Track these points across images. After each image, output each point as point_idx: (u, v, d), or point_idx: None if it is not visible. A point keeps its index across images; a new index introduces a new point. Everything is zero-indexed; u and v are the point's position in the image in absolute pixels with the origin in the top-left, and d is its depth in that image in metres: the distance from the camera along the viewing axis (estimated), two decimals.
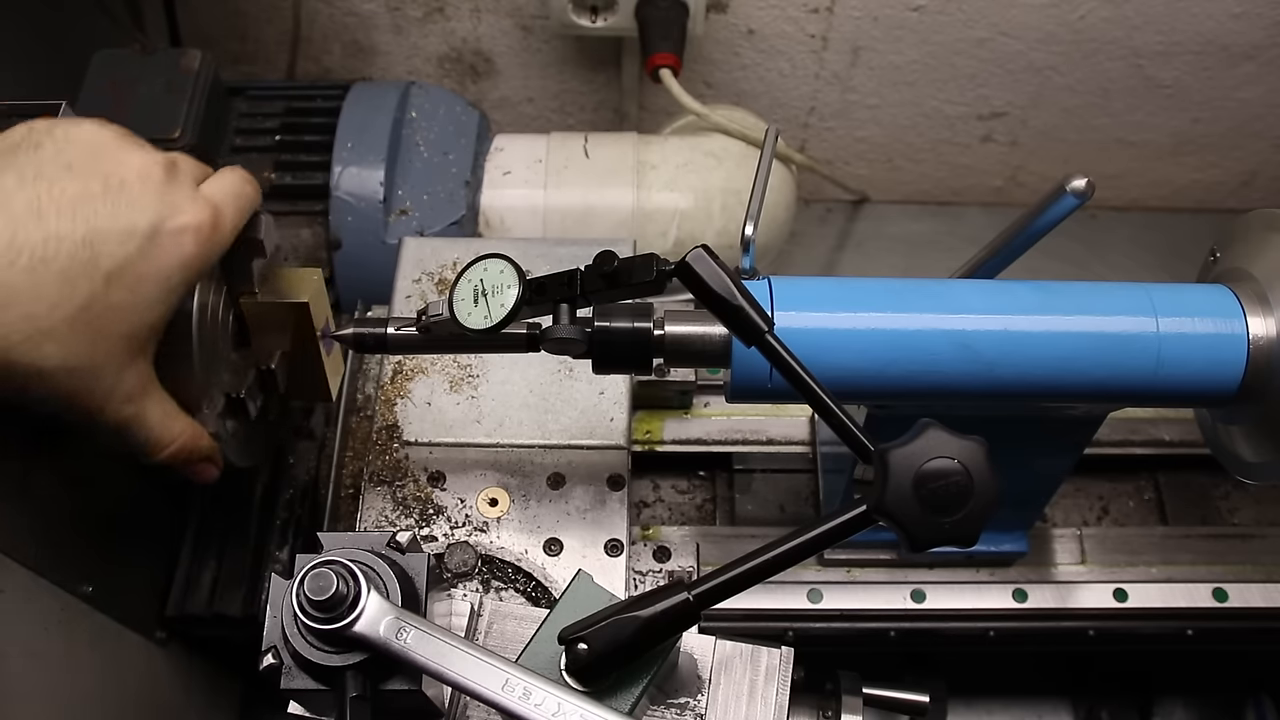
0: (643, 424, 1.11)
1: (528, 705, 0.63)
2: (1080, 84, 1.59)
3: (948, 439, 0.63)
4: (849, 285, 0.81)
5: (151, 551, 1.03)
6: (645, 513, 1.10)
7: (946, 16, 1.49)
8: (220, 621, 1.02)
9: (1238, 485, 1.14)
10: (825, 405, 0.67)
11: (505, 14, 1.54)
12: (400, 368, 0.99)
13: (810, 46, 1.55)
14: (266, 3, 1.57)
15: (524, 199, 1.35)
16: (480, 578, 0.89)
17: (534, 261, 0.97)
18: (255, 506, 1.06)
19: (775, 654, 0.78)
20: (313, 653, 0.66)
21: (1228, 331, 0.79)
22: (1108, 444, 1.12)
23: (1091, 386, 0.79)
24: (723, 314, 0.69)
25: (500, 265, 0.74)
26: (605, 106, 1.68)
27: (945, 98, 1.62)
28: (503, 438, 0.95)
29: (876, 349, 0.78)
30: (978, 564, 1.05)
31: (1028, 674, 1.38)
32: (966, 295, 0.80)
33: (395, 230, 1.28)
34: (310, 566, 0.65)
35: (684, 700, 0.77)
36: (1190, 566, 1.07)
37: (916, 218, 1.80)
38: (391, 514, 0.92)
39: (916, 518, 0.62)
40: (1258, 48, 1.52)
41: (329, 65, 1.65)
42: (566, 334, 0.76)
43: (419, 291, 1.03)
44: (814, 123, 1.68)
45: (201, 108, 1.22)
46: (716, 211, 1.37)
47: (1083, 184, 0.77)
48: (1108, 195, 1.77)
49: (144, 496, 1.01)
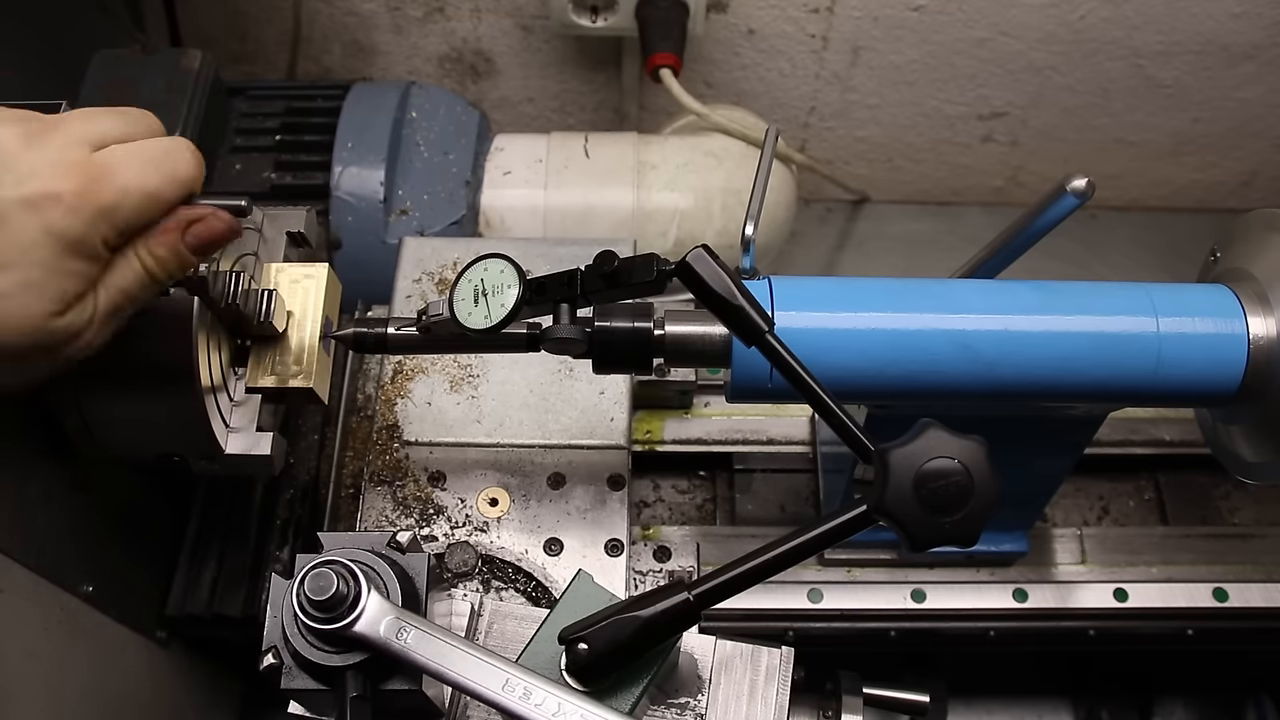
0: (643, 424, 1.11)
1: (528, 705, 0.63)
2: (1080, 84, 1.59)
3: (948, 439, 0.63)
4: (849, 285, 0.81)
5: (151, 551, 1.03)
6: (645, 513, 1.10)
7: (946, 16, 1.49)
8: (220, 621, 1.02)
9: (1238, 485, 1.14)
10: (825, 405, 0.67)
11: (505, 14, 1.54)
12: (400, 368, 0.99)
13: (810, 46, 1.55)
14: (266, 3, 1.57)
15: (524, 199, 1.35)
16: (480, 578, 0.89)
17: (534, 261, 0.97)
18: (255, 506, 1.06)
19: (775, 654, 0.78)
20: (313, 653, 0.67)
21: (1228, 331, 0.79)
22: (1108, 444, 1.12)
23: (1091, 386, 0.79)
24: (723, 314, 0.69)
25: (500, 265, 0.74)
26: (605, 106, 1.68)
27: (945, 98, 1.62)
28: (503, 438, 0.95)
29: (876, 349, 0.78)
30: (978, 564, 1.05)
31: (1028, 674, 1.38)
32: (966, 295, 0.80)
33: (395, 230, 1.28)
34: (310, 566, 0.65)
35: (684, 700, 0.77)
36: (1190, 566, 1.07)
37: (916, 218, 1.80)
38: (392, 514, 0.92)
39: (916, 518, 0.62)
40: (1258, 48, 1.52)
41: (329, 65, 1.65)
42: (566, 334, 0.76)
43: (419, 291, 1.03)
44: (814, 123, 1.68)
45: (201, 108, 1.23)
46: (716, 211, 1.37)
47: (1083, 184, 0.77)
48: (1108, 195, 1.77)
49: (144, 497, 1.01)
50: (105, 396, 0.82)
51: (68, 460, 0.87)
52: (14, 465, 0.83)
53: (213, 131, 1.27)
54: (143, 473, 0.99)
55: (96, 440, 0.84)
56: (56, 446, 0.85)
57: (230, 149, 1.31)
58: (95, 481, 0.92)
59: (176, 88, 1.22)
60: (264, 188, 1.29)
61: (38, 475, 0.85)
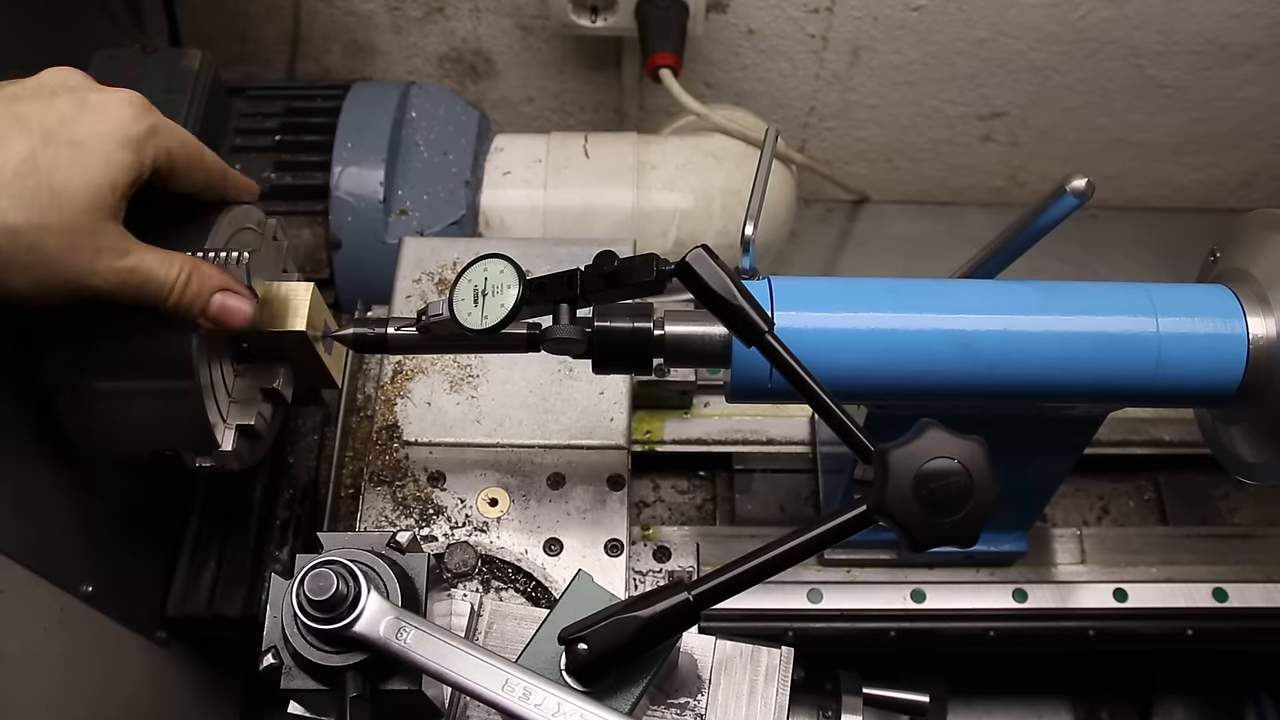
0: (643, 424, 1.11)
1: (528, 705, 0.63)
2: (1080, 84, 1.59)
3: (948, 439, 0.63)
4: (849, 285, 0.81)
5: (151, 551, 1.03)
6: (645, 513, 1.10)
7: (946, 16, 1.49)
8: (220, 622, 1.02)
9: (1238, 485, 1.14)
10: (825, 405, 0.67)
11: (505, 14, 1.54)
12: (400, 368, 0.99)
13: (810, 46, 1.55)
14: (266, 3, 1.57)
15: (524, 199, 1.35)
16: (480, 578, 0.89)
17: (534, 261, 0.97)
18: (255, 506, 1.06)
19: (775, 654, 0.78)
20: (313, 653, 0.66)
21: (1228, 331, 0.79)
22: (1108, 444, 1.12)
23: (1091, 386, 0.79)
24: (723, 314, 0.69)
25: (500, 265, 0.74)
26: (605, 106, 1.68)
27: (945, 98, 1.62)
28: (503, 438, 0.95)
29: (876, 349, 0.78)
30: (978, 564, 1.05)
31: (1028, 674, 1.38)
32: (966, 295, 0.80)
33: (395, 230, 1.28)
34: (310, 566, 0.65)
35: (684, 700, 0.77)
36: (1190, 566, 1.07)
37: (916, 218, 1.80)
38: (391, 514, 0.92)
39: (916, 518, 0.62)
40: (1258, 48, 1.52)
41: (329, 65, 1.65)
42: (566, 334, 0.76)
43: (419, 291, 1.03)
44: (814, 123, 1.68)
45: (201, 108, 1.22)
46: (716, 211, 1.37)
47: (1083, 184, 0.77)
48: (1108, 195, 1.76)
49: (144, 496, 1.01)
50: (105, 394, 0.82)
51: (68, 460, 0.87)
52: (14, 465, 0.83)
53: (213, 131, 1.27)
54: (143, 473, 0.99)
55: (96, 438, 0.84)
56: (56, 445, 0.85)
57: (230, 149, 1.31)
58: (95, 481, 0.92)
59: (176, 88, 1.22)
60: (264, 188, 1.28)
61: (38, 475, 0.85)
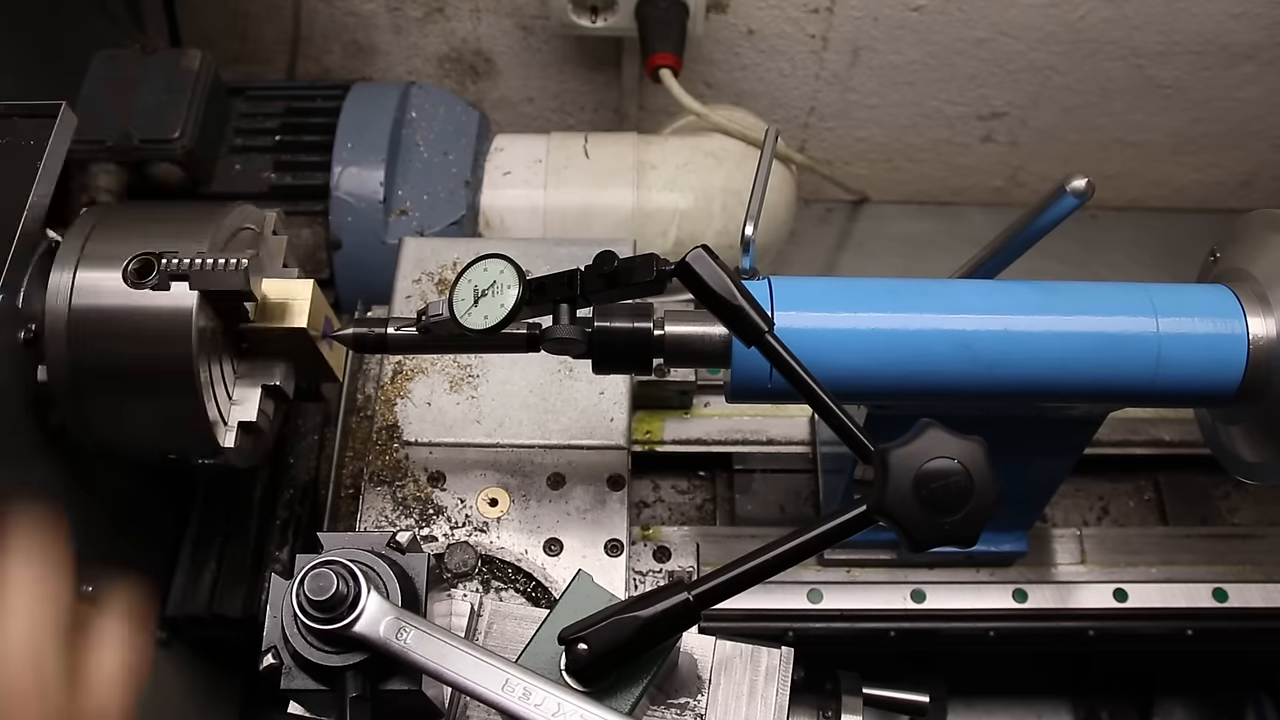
0: (643, 424, 1.11)
1: (528, 705, 0.63)
2: (1080, 84, 1.58)
3: (948, 439, 0.63)
4: (849, 285, 0.81)
5: (151, 551, 1.03)
6: (645, 513, 1.10)
7: (946, 16, 1.49)
8: (220, 622, 1.02)
9: (1238, 485, 1.14)
10: (825, 405, 0.67)
11: (505, 14, 1.54)
12: (400, 368, 0.99)
13: (810, 46, 1.55)
14: (266, 3, 1.57)
15: (524, 199, 1.35)
16: (480, 578, 0.89)
17: (534, 261, 0.97)
18: (255, 506, 1.06)
19: (775, 654, 0.78)
20: (313, 653, 0.67)
21: (1228, 331, 0.79)
22: (1108, 444, 1.12)
23: (1091, 386, 0.79)
24: (723, 314, 0.69)
25: (500, 265, 0.74)
26: (605, 106, 1.68)
27: (945, 98, 1.62)
28: (503, 438, 0.95)
29: (876, 349, 0.78)
30: (978, 564, 1.05)
31: (1028, 674, 1.37)
32: (966, 295, 0.80)
33: (395, 230, 1.28)
34: (310, 566, 0.65)
35: (684, 700, 0.77)
36: (1190, 566, 1.07)
37: (916, 218, 1.80)
38: (391, 514, 0.92)
39: (916, 518, 0.62)
40: (1258, 48, 1.52)
41: (329, 65, 1.64)
42: (566, 334, 0.76)
43: (419, 291, 1.03)
44: (814, 123, 1.68)
45: (201, 108, 1.23)
46: (716, 211, 1.37)
47: (1083, 184, 0.77)
48: (1108, 195, 1.76)
49: (144, 496, 1.01)
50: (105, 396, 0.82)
51: (67, 459, 0.87)
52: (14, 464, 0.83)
53: (212, 131, 1.27)
54: (143, 472, 0.99)
55: (96, 439, 0.84)
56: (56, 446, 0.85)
57: (230, 149, 1.31)
58: (95, 481, 0.92)
59: (176, 88, 1.22)
60: (264, 188, 1.29)
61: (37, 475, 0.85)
